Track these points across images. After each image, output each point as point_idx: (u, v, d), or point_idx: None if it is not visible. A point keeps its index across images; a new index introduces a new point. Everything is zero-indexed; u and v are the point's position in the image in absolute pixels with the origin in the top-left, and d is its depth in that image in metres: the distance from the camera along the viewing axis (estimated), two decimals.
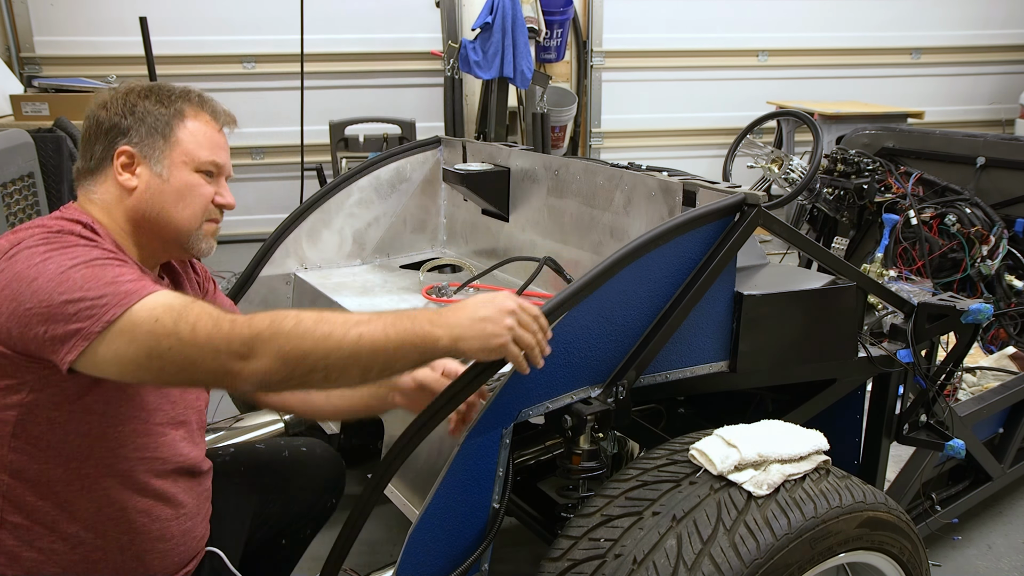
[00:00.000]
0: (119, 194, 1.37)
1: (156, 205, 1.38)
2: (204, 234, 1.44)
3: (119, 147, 1.37)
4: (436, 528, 1.33)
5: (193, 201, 1.40)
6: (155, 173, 1.37)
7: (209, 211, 1.43)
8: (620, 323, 1.48)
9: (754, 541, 1.26)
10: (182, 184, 1.39)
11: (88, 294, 1.13)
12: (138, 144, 1.37)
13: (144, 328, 1.12)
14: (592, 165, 2.14)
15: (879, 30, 6.50)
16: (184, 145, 1.40)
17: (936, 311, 1.91)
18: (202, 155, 1.41)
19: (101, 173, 1.39)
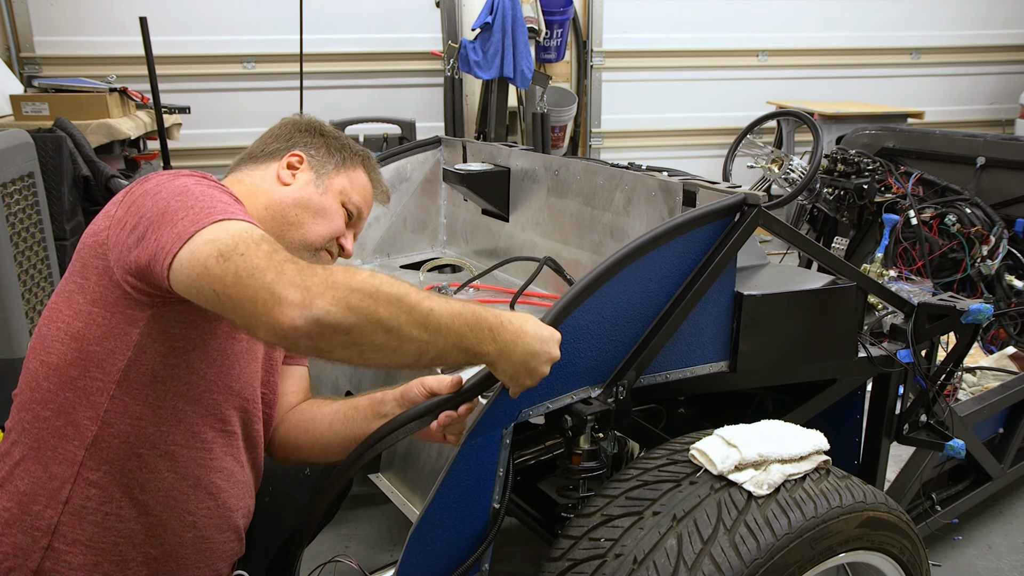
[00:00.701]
0: (272, 183, 1.46)
1: (299, 206, 1.45)
2: (317, 258, 1.47)
3: (296, 149, 1.50)
4: (437, 528, 1.33)
5: (328, 223, 1.47)
6: (314, 182, 1.48)
7: (332, 243, 1.49)
8: (620, 323, 1.48)
9: (754, 541, 1.26)
10: (329, 203, 1.48)
11: (200, 202, 1.14)
12: (313, 157, 1.50)
13: (231, 230, 1.09)
14: (592, 165, 2.14)
15: (879, 30, 6.51)
16: (345, 182, 1.52)
17: (936, 311, 1.91)
18: (356, 197, 1.53)
19: (264, 163, 1.49)
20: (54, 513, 1.25)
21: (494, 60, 4.67)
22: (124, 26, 5.06)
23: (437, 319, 1.11)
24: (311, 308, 1.01)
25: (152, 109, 4.26)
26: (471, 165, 2.48)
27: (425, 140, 2.68)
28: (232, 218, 1.12)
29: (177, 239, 1.10)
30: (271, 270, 1.03)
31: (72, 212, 3.38)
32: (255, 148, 1.53)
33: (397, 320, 1.07)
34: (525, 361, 1.22)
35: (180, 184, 1.20)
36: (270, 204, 1.43)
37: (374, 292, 1.06)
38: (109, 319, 1.23)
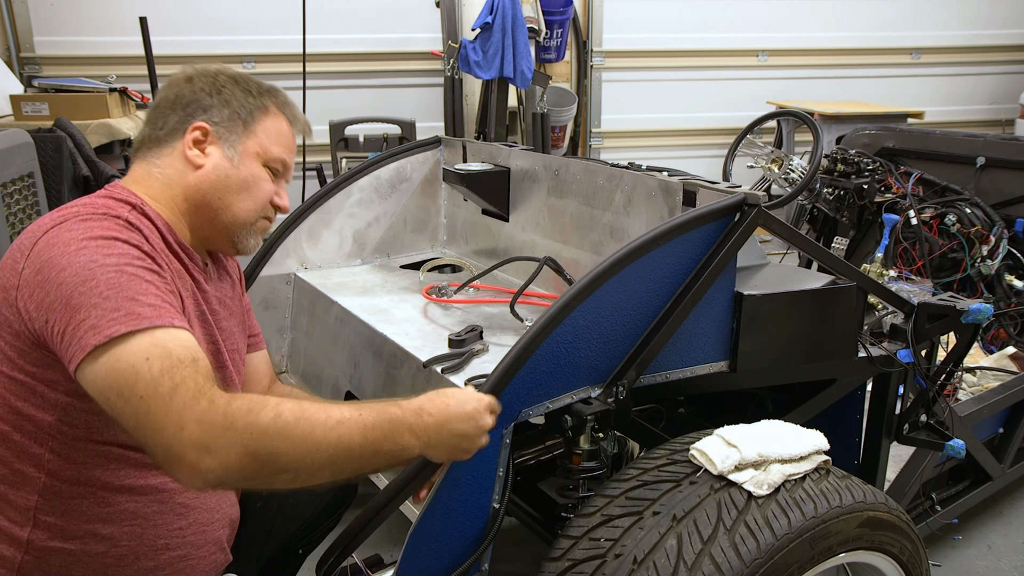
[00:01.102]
0: (183, 168, 1.35)
1: (219, 188, 1.36)
2: (255, 230, 1.42)
3: (196, 121, 1.36)
4: (436, 528, 1.33)
5: (255, 194, 1.39)
6: (226, 156, 1.36)
7: (266, 209, 1.42)
8: (620, 323, 1.48)
9: (754, 541, 1.26)
10: (249, 174, 1.38)
11: (105, 303, 1.08)
12: (217, 124, 1.36)
13: (130, 361, 1.05)
14: (592, 165, 2.14)
15: (879, 30, 6.50)
16: (261, 137, 1.40)
17: (936, 311, 1.91)
18: (275, 151, 1.41)
19: (169, 145, 1.36)
20: (17, 553, 1.22)
21: (494, 60, 4.67)
22: (124, 26, 5.05)
23: (347, 444, 1.10)
24: (209, 472, 1.03)
25: None
26: (471, 165, 2.47)
27: (425, 140, 2.68)
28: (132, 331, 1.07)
29: (79, 349, 1.07)
30: (170, 425, 1.03)
31: None
32: (151, 124, 1.38)
33: (303, 460, 1.07)
34: (456, 444, 1.22)
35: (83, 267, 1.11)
36: (188, 194, 1.34)
37: (277, 436, 1.05)
38: (29, 381, 1.20)
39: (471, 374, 1.68)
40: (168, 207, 1.33)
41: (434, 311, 2.10)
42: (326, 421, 1.09)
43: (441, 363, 1.72)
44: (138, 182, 1.35)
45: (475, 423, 1.23)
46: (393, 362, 1.86)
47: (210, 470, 1.02)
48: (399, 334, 1.91)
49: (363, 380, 2.00)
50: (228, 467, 1.03)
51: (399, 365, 1.84)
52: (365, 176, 2.54)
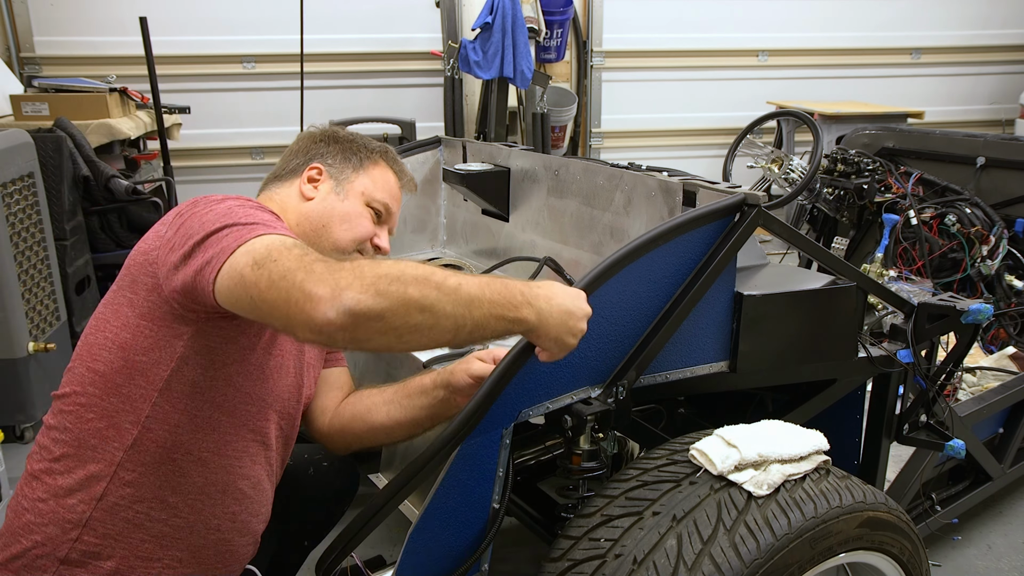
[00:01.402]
0: (297, 200, 1.53)
1: (324, 217, 1.51)
2: None
3: (314, 162, 1.57)
4: (436, 528, 1.33)
5: (355, 227, 1.53)
6: (335, 191, 1.54)
7: (364, 246, 1.55)
8: (620, 323, 1.48)
9: (754, 541, 1.26)
10: (352, 209, 1.54)
11: (243, 221, 1.19)
12: (331, 166, 1.56)
13: (266, 242, 1.13)
14: (592, 165, 2.14)
15: (879, 30, 6.50)
16: (367, 182, 1.57)
17: (936, 311, 1.91)
18: (379, 195, 1.58)
19: (288, 181, 1.57)
20: (87, 508, 1.29)
21: (494, 60, 4.67)
22: (124, 26, 5.06)
23: (467, 291, 1.11)
24: (342, 300, 1.03)
25: (152, 109, 4.26)
26: (471, 165, 2.48)
27: (425, 140, 2.68)
28: (271, 232, 1.17)
29: (221, 254, 1.15)
30: (300, 270, 1.06)
31: (72, 212, 3.38)
32: (278, 167, 1.60)
33: (428, 298, 1.08)
34: (564, 320, 1.22)
35: (225, 206, 1.25)
36: (299, 220, 1.50)
37: (400, 275, 1.07)
38: (155, 332, 1.29)
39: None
40: None
41: None
42: (444, 272, 1.12)
43: (441, 363, 1.72)
44: None
45: (579, 303, 1.25)
46: (393, 362, 1.86)
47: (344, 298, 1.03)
48: None
49: (363, 380, 2.00)
50: (359, 299, 1.03)
51: (399, 365, 1.84)
52: None
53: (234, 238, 1.16)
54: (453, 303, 1.10)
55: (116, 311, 1.33)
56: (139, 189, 3.57)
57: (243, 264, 1.12)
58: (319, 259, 1.09)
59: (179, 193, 4.32)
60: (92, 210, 3.52)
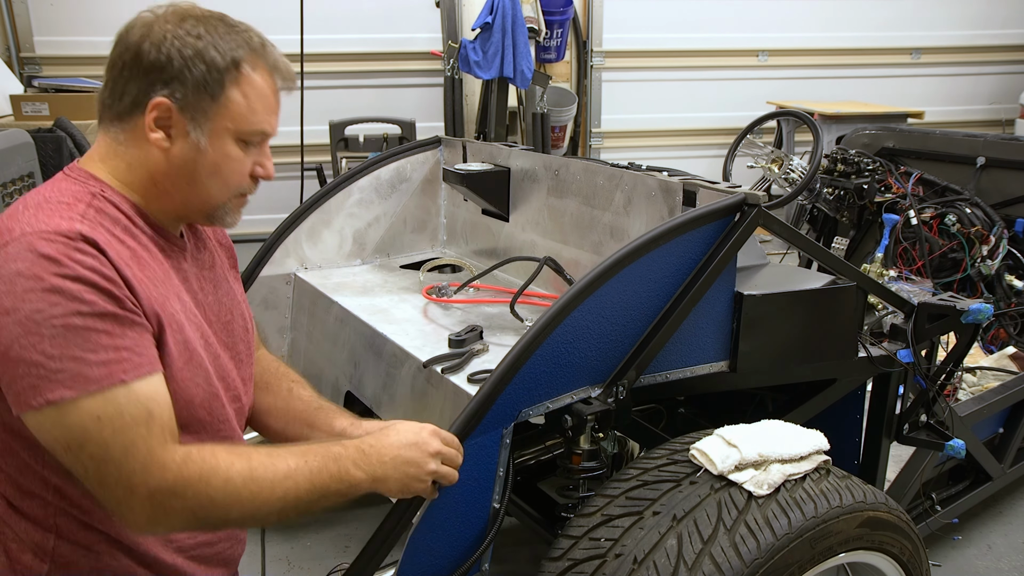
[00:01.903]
0: (147, 149, 1.20)
1: (186, 173, 1.21)
2: (232, 207, 1.29)
3: (156, 97, 1.17)
4: (437, 528, 1.33)
5: (228, 175, 1.24)
6: (192, 140, 1.19)
7: (241, 186, 1.27)
8: (620, 323, 1.48)
9: (754, 541, 1.26)
10: (220, 156, 1.22)
11: (49, 363, 1.03)
12: (181, 100, 1.18)
13: (79, 422, 1.03)
14: (592, 165, 2.14)
15: (879, 30, 6.50)
16: (232, 109, 1.20)
17: (936, 311, 1.91)
18: (251, 124, 1.23)
19: (131, 120, 1.20)
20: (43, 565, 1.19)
21: (494, 60, 4.67)
22: None
23: (295, 495, 1.16)
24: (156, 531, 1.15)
25: None
26: (471, 165, 2.47)
27: (425, 140, 2.68)
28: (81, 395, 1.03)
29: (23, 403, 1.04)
30: (119, 488, 1.06)
31: None
32: (112, 94, 1.22)
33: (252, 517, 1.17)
34: (404, 472, 1.25)
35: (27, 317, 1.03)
36: (156, 177, 1.22)
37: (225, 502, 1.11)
38: None
39: (470, 373, 1.68)
40: (136, 188, 1.23)
41: (434, 311, 2.10)
42: (274, 478, 1.14)
43: (441, 363, 1.72)
44: (104, 160, 1.23)
45: (419, 448, 1.26)
46: (393, 362, 1.86)
47: (157, 530, 1.14)
48: (399, 334, 1.91)
49: (363, 380, 2.00)
50: (175, 528, 1.15)
51: (399, 365, 1.84)
52: (365, 176, 2.54)
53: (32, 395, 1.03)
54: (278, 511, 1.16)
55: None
56: None
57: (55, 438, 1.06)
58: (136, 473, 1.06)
59: None
60: None
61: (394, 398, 1.84)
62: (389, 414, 1.84)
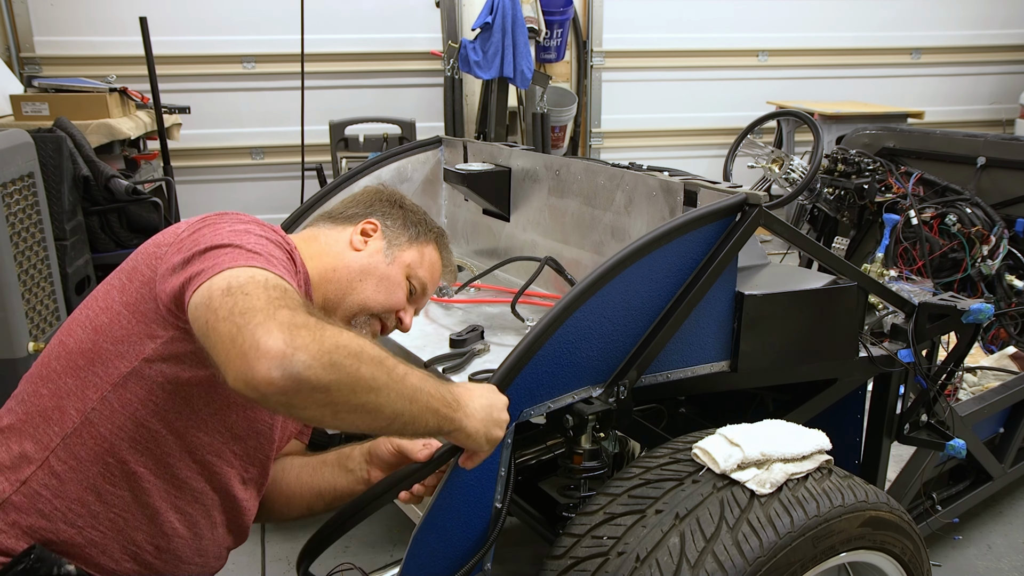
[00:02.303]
0: (344, 247, 1.49)
1: (364, 272, 1.47)
2: (369, 326, 1.48)
3: (372, 217, 1.54)
4: (439, 528, 1.33)
5: (388, 293, 1.49)
6: (383, 251, 1.50)
7: (386, 315, 1.50)
8: (621, 323, 1.48)
9: (757, 539, 1.26)
10: (394, 275, 1.50)
11: (248, 246, 1.16)
12: (388, 227, 1.54)
13: (252, 273, 1.09)
14: (593, 165, 2.14)
15: (879, 30, 6.50)
16: (415, 256, 1.54)
17: (937, 311, 1.91)
18: (422, 272, 1.55)
19: (341, 225, 1.54)
20: (8, 487, 1.23)
21: (494, 60, 4.67)
22: (124, 26, 5.05)
23: (412, 382, 1.11)
24: (291, 362, 0.96)
25: (152, 109, 4.26)
26: (472, 165, 2.47)
27: (426, 140, 2.68)
28: (267, 268, 1.12)
29: (209, 271, 1.11)
30: (262, 312, 1.00)
31: (72, 212, 3.38)
32: (335, 208, 1.58)
33: (378, 381, 1.05)
34: (488, 413, 1.25)
35: (243, 227, 1.23)
36: (338, 266, 1.46)
37: (359, 351, 1.04)
38: (133, 324, 1.25)
39: (472, 373, 1.68)
40: (316, 268, 1.44)
41: (435, 311, 2.10)
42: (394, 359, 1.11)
43: (442, 363, 1.72)
44: (302, 240, 1.49)
45: (496, 395, 1.28)
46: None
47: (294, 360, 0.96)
48: (400, 334, 1.91)
49: None
50: (310, 366, 0.97)
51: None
52: (365, 176, 2.54)
53: (229, 259, 1.12)
54: (398, 392, 1.08)
55: (106, 293, 1.30)
56: (139, 189, 3.57)
57: (218, 287, 1.07)
58: (290, 305, 1.03)
59: (179, 193, 4.32)
60: (92, 210, 3.52)
61: None
62: None
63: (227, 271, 1.10)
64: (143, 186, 3.74)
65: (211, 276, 1.10)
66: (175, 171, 4.37)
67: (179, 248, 1.21)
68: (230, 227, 1.22)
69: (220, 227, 1.22)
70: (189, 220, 1.31)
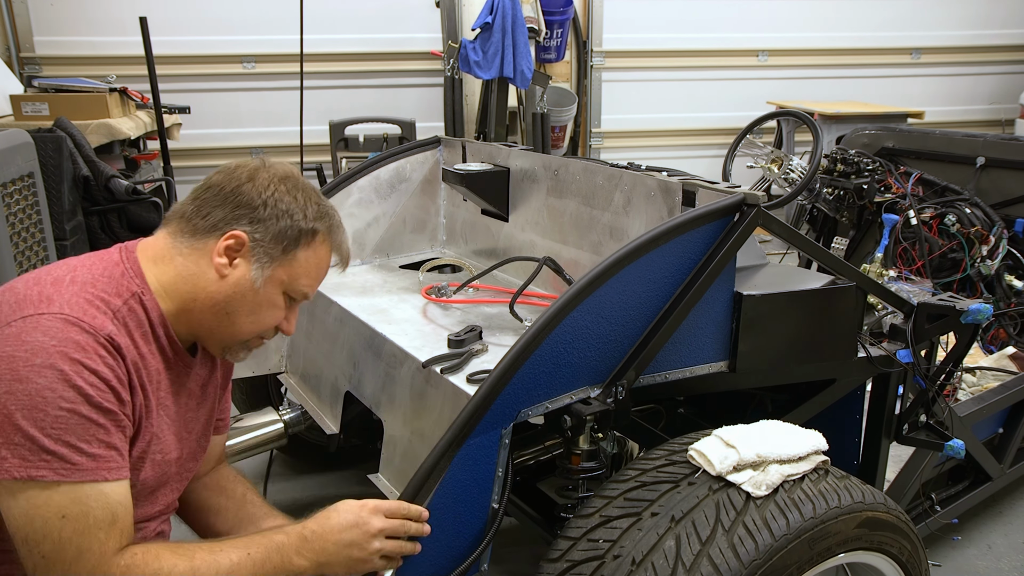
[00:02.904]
0: (206, 269, 1.30)
1: (231, 304, 1.31)
2: (248, 346, 1.40)
3: (236, 229, 1.29)
4: (436, 528, 1.33)
5: (262, 318, 1.35)
6: (251, 276, 1.30)
7: (266, 332, 1.38)
8: (619, 323, 1.48)
9: (753, 542, 1.25)
10: (265, 299, 1.33)
11: (45, 440, 1.08)
12: (256, 241, 1.30)
13: (44, 515, 1.07)
14: (592, 165, 2.14)
15: (879, 30, 6.50)
16: (294, 267, 1.34)
17: (936, 311, 1.91)
18: (303, 283, 1.37)
19: (202, 239, 1.30)
20: None
21: (494, 60, 4.67)
22: (124, 26, 5.06)
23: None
24: None
25: (152, 109, 4.26)
26: (471, 165, 2.47)
27: (425, 140, 2.68)
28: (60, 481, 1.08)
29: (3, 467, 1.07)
30: None
31: (72, 212, 3.38)
32: (196, 210, 1.32)
33: None
34: (348, 555, 1.25)
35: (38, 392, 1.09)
36: (198, 296, 1.30)
37: None
38: None
39: (470, 373, 1.68)
40: (173, 299, 1.30)
41: (433, 311, 2.10)
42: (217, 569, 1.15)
43: (440, 363, 1.72)
44: (157, 262, 1.31)
45: (359, 530, 1.26)
46: (392, 362, 1.86)
47: None
48: (398, 334, 1.91)
49: (362, 380, 2.00)
50: None
51: (398, 365, 1.84)
52: (365, 176, 2.54)
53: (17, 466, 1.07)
54: None
55: None
56: (139, 189, 3.57)
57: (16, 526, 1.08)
58: None
59: (179, 193, 4.32)
60: (92, 210, 3.52)
61: (393, 398, 1.84)
62: (388, 414, 1.84)
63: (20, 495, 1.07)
64: (143, 186, 3.74)
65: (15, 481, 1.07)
66: (175, 171, 4.38)
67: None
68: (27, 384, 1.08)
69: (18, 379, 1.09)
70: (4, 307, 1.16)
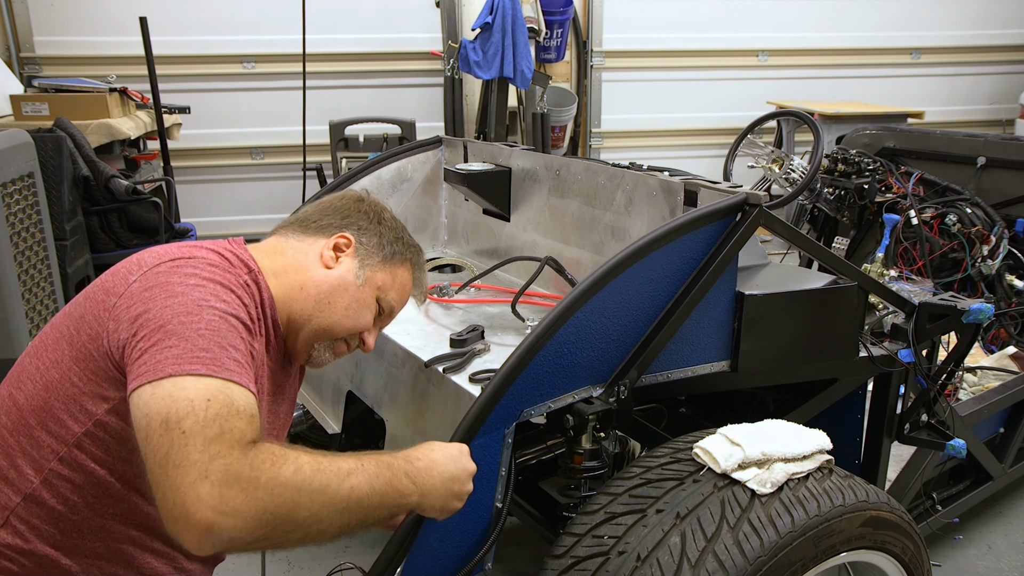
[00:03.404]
0: (314, 261, 1.42)
1: (334, 293, 1.40)
2: (334, 348, 1.45)
3: (347, 231, 1.46)
4: (440, 528, 1.33)
5: (356, 318, 1.43)
6: (355, 271, 1.43)
7: (354, 336, 1.45)
8: (622, 323, 1.48)
9: (758, 539, 1.26)
10: (363, 297, 1.43)
11: (199, 340, 1.11)
12: (363, 244, 1.46)
13: (191, 395, 1.05)
14: (593, 165, 2.14)
15: (879, 30, 6.51)
16: (387, 278, 1.47)
17: (937, 311, 1.91)
18: (393, 295, 1.49)
19: (313, 236, 1.45)
20: None
21: (494, 60, 4.67)
22: (124, 26, 5.05)
23: (358, 494, 1.11)
24: (220, 530, 0.98)
25: (152, 109, 4.26)
26: (472, 165, 2.47)
27: (426, 140, 2.68)
28: (213, 375, 1.09)
29: (151, 373, 1.08)
30: (195, 468, 0.99)
31: (72, 212, 3.38)
32: (309, 214, 1.50)
33: (319, 514, 1.07)
34: (448, 488, 1.24)
35: (198, 296, 1.16)
36: (305, 284, 1.39)
37: (298, 490, 1.05)
38: (84, 383, 1.20)
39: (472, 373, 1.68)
40: (281, 286, 1.37)
41: (435, 311, 2.10)
42: (338, 472, 1.10)
43: (442, 363, 1.72)
44: (267, 254, 1.41)
45: (460, 464, 1.26)
46: (394, 362, 1.86)
47: (221, 532, 0.99)
48: (400, 334, 1.91)
49: (364, 380, 2.00)
50: (242, 528, 1.00)
51: (400, 365, 1.84)
52: (366, 176, 2.54)
53: (172, 363, 1.07)
54: (344, 509, 1.10)
55: (56, 342, 1.24)
56: (139, 189, 3.57)
57: (156, 413, 1.04)
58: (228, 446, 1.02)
59: (179, 193, 4.32)
60: (92, 210, 3.52)
61: (395, 398, 1.84)
62: (390, 414, 1.84)
63: (168, 382, 1.06)
64: (143, 186, 3.75)
65: (153, 380, 1.06)
66: (175, 171, 4.38)
67: (128, 308, 1.16)
68: (183, 297, 1.15)
69: (173, 295, 1.15)
70: (141, 261, 1.24)
